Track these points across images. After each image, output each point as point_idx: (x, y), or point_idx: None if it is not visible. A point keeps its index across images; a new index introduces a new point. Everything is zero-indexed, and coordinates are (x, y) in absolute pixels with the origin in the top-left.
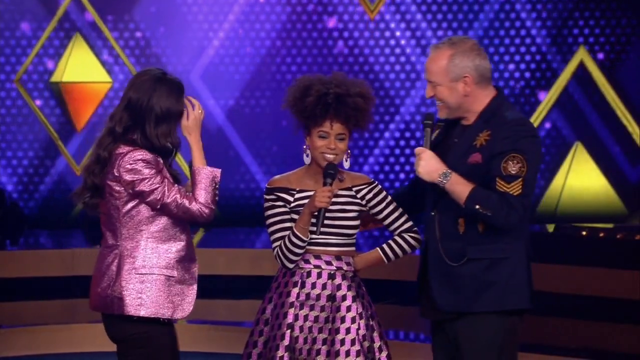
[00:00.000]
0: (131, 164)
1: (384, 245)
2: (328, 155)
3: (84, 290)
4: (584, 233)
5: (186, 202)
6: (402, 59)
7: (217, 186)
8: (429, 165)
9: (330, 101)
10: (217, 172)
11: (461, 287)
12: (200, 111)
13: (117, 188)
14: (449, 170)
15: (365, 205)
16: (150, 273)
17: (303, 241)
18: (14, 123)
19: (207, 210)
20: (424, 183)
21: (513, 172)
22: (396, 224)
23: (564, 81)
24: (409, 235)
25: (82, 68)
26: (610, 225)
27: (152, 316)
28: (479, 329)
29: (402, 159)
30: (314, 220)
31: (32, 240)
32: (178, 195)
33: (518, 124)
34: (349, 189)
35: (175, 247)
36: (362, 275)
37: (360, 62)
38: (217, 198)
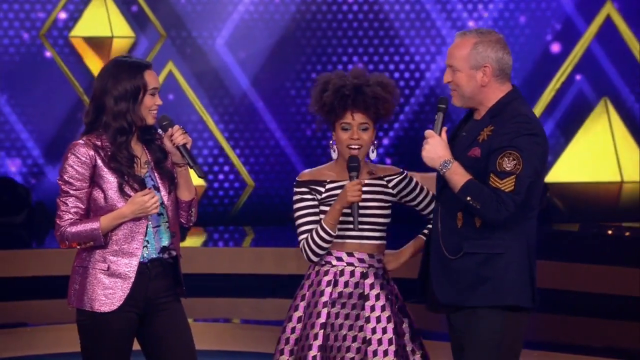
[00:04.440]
0: (66, 153)
1: (426, 231)
2: (353, 147)
3: None
4: (609, 232)
5: (60, 221)
6: (427, 23)
7: (89, 239)
8: (433, 150)
9: (347, 92)
10: (100, 238)
11: (458, 280)
12: (147, 202)
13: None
14: (452, 159)
15: (396, 196)
16: (85, 266)
17: (331, 236)
18: (38, 77)
19: (61, 242)
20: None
21: (507, 168)
22: (430, 208)
23: (590, 36)
24: None
25: (104, 23)
26: (637, 225)
27: (81, 308)
28: (478, 323)
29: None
30: (343, 219)
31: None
32: (64, 212)
33: (519, 121)
34: (381, 178)
35: (110, 240)
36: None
37: (385, 27)
38: (80, 246)
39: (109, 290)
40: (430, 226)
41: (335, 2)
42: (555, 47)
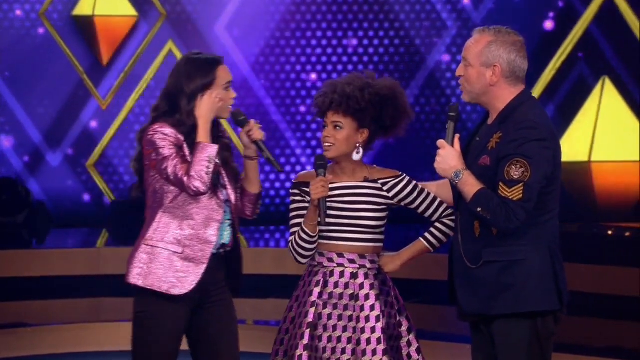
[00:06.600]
0: (150, 135)
1: (426, 234)
2: (325, 144)
3: (110, 289)
4: (609, 232)
5: (180, 173)
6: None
7: (210, 160)
8: (444, 161)
9: (321, 93)
10: (213, 148)
11: (479, 289)
12: (215, 98)
13: (147, 162)
14: (463, 169)
15: (393, 199)
16: (155, 246)
17: (310, 236)
18: (38, 57)
19: (196, 183)
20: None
21: (515, 176)
22: (431, 211)
23: (589, 16)
24: (449, 219)
25: (106, 1)
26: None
27: (148, 287)
28: (507, 331)
29: (427, 108)
30: (333, 220)
31: (60, 239)
32: (178, 167)
33: (525, 127)
34: (375, 181)
35: (186, 224)
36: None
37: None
38: (209, 172)
39: (180, 274)
40: (432, 229)
41: None
42: (553, 26)
